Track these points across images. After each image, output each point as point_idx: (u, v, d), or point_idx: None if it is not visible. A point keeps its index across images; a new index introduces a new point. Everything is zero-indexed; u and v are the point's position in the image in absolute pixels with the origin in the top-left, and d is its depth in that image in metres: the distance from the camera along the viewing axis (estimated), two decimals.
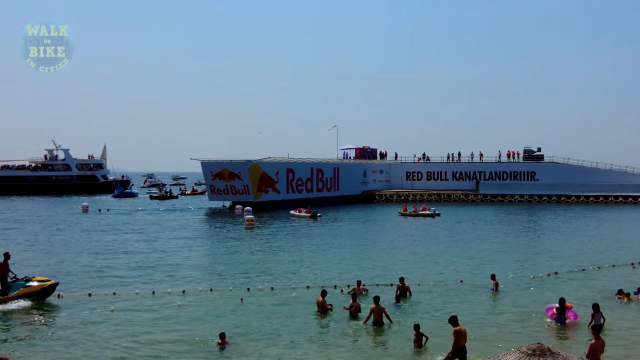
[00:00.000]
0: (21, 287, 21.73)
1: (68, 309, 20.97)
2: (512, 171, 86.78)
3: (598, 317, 18.35)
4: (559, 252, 35.29)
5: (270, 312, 20.69)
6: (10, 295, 21.43)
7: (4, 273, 21.83)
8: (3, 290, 21.63)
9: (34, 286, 21.82)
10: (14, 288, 21.78)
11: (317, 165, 77.19)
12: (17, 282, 22.04)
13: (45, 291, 21.98)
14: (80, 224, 52.53)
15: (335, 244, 38.94)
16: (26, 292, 21.63)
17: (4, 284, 21.74)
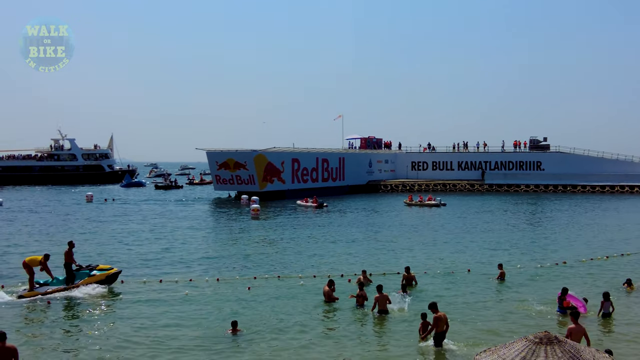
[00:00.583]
0: (86, 276, 22.11)
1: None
2: (518, 161, 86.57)
3: (607, 305, 18.38)
4: (566, 241, 35.28)
5: (277, 301, 20.78)
6: (75, 284, 21.80)
7: (69, 261, 22.12)
8: (69, 279, 21.96)
9: (98, 275, 22.22)
10: (79, 277, 22.15)
11: (323, 155, 77.15)
12: (81, 270, 22.39)
13: (109, 279, 22.33)
14: (85, 213, 52.69)
15: (342, 233, 38.99)
16: (91, 281, 22.00)
17: (70, 273, 22.07)
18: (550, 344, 8.22)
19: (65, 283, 21.88)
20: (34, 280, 21.55)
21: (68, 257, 22.12)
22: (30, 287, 21.28)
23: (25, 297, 20.63)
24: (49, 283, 21.88)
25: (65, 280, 21.97)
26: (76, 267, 22.43)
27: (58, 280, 22.04)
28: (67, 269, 22.10)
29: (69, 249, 22.32)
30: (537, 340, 8.31)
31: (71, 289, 21.58)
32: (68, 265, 22.10)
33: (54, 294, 21.10)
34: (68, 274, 22.08)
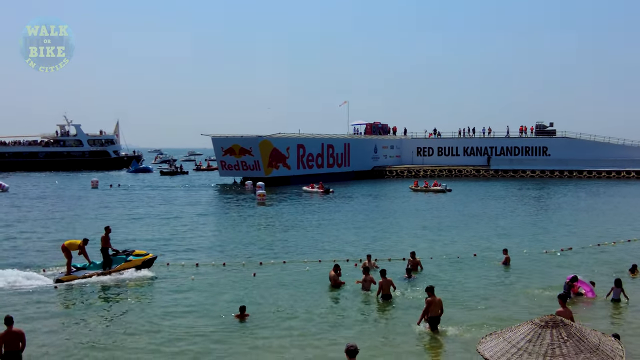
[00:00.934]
0: (123, 262, 22.30)
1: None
2: (524, 146, 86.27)
3: (618, 292, 18.36)
4: (572, 227, 35.25)
5: (283, 286, 20.84)
6: (113, 269, 21.99)
7: (106, 246, 22.30)
8: (106, 264, 22.14)
9: (135, 260, 22.42)
10: (116, 262, 22.34)
11: (328, 140, 77.07)
12: (118, 255, 22.58)
13: (145, 265, 22.52)
14: (91, 199, 52.84)
15: (347, 219, 39.03)
16: (128, 267, 22.17)
17: (107, 258, 22.25)
18: (556, 327, 8.20)
19: (102, 268, 22.08)
20: (72, 264, 21.86)
21: (104, 242, 22.32)
22: (68, 271, 21.53)
23: (62, 281, 20.87)
24: (86, 267, 22.12)
25: (102, 265, 22.17)
26: (113, 252, 22.64)
27: (95, 264, 22.25)
28: (104, 253, 22.30)
29: (105, 234, 22.49)
30: (542, 324, 8.29)
31: (108, 274, 21.80)
32: (105, 250, 22.30)
33: (90, 279, 21.34)
34: (105, 258, 22.26)
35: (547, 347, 7.98)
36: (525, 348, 8.10)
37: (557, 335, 8.08)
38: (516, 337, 8.36)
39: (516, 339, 8.32)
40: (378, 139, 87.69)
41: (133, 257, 22.55)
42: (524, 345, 8.14)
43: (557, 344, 7.98)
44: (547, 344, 8.02)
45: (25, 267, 22.95)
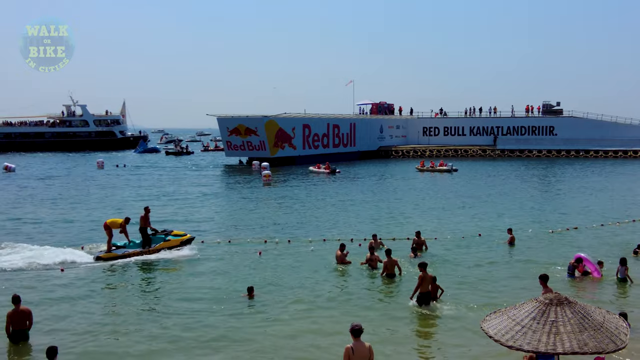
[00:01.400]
0: (161, 241, 22.58)
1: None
2: (530, 126, 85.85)
3: (623, 270, 18.33)
4: (577, 207, 35.16)
5: (289, 265, 20.94)
6: (152, 248, 22.28)
7: (145, 226, 22.55)
8: (145, 243, 22.42)
9: (173, 240, 22.71)
10: (155, 241, 22.61)
11: (334, 120, 76.87)
12: (157, 235, 22.85)
13: (183, 244, 22.76)
14: (98, 180, 52.98)
15: (353, 199, 39.04)
16: (166, 246, 22.45)
17: (146, 237, 22.50)
18: (560, 305, 8.20)
19: (142, 247, 22.36)
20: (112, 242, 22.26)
21: (144, 222, 22.57)
22: (108, 248, 21.91)
23: (102, 259, 21.27)
24: (126, 246, 22.44)
25: (142, 244, 22.45)
26: (152, 231, 22.89)
27: (135, 243, 22.58)
28: (143, 233, 22.55)
29: (145, 214, 22.77)
30: (547, 302, 8.30)
31: (147, 253, 22.08)
32: (143, 230, 22.54)
33: (130, 257, 21.66)
34: (144, 238, 22.53)
35: (551, 325, 7.99)
36: (529, 326, 8.12)
37: (562, 312, 8.09)
38: (520, 314, 8.37)
39: (520, 316, 8.33)
40: (384, 119, 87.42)
41: (172, 237, 22.84)
42: (528, 323, 8.15)
43: (561, 321, 7.99)
44: (552, 321, 8.03)
45: (63, 245, 23.47)
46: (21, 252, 22.02)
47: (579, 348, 7.70)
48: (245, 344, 13.43)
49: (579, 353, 7.75)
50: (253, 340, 13.63)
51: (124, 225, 22.28)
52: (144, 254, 21.95)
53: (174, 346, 13.33)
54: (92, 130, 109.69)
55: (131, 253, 21.86)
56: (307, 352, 12.96)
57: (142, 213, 22.87)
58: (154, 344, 13.41)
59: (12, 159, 74.77)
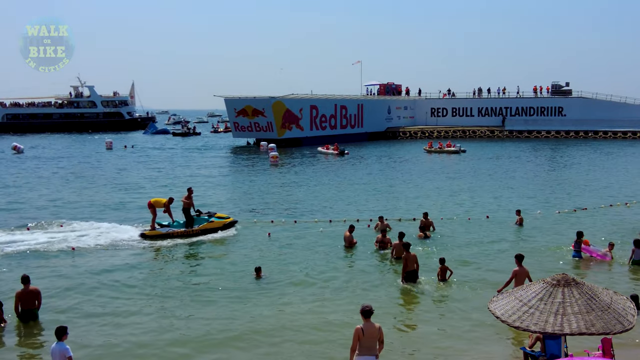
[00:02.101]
0: (205, 222, 22.77)
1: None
2: (539, 107, 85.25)
3: (638, 252, 18.17)
4: (586, 188, 35.03)
5: (297, 246, 21.01)
6: (194, 229, 22.50)
7: (188, 207, 22.77)
8: (188, 223, 22.65)
9: (216, 222, 22.88)
10: (198, 222, 22.82)
11: (341, 101, 76.59)
12: (201, 216, 23.09)
13: (225, 227, 22.92)
14: (109, 161, 53.14)
15: (360, 179, 39.01)
16: (209, 227, 22.63)
17: (189, 217, 22.72)
18: (567, 285, 8.20)
19: (185, 227, 22.59)
20: (156, 221, 22.71)
21: (186, 203, 22.79)
22: (152, 226, 22.45)
23: (146, 236, 21.88)
24: (170, 225, 22.76)
25: (185, 224, 22.68)
26: (195, 212, 23.10)
27: (178, 223, 22.86)
28: (186, 213, 22.77)
29: (188, 194, 23.03)
30: (554, 283, 8.31)
31: (190, 233, 22.34)
32: (186, 210, 22.76)
33: (173, 236, 22.07)
34: (187, 218, 22.75)
35: (558, 306, 8.00)
36: (536, 306, 8.13)
37: (569, 293, 8.09)
38: (528, 295, 8.38)
39: (527, 297, 8.34)
40: (392, 100, 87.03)
41: (215, 219, 23.00)
42: (536, 304, 8.16)
43: (569, 302, 8.00)
44: (559, 302, 8.04)
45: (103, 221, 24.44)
46: (70, 230, 22.83)
47: (586, 329, 7.71)
48: (251, 324, 13.49)
49: (586, 334, 7.76)
50: (258, 321, 13.69)
51: (167, 205, 22.75)
52: (187, 234, 22.28)
53: (179, 328, 13.40)
54: (100, 111, 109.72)
55: (174, 232, 22.25)
56: (314, 333, 12.99)
57: (186, 194, 23.18)
58: (160, 322, 13.50)
59: (20, 139, 75.00)
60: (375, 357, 9.57)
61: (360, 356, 9.53)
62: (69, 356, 9.93)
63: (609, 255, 18.75)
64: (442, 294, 15.58)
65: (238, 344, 12.45)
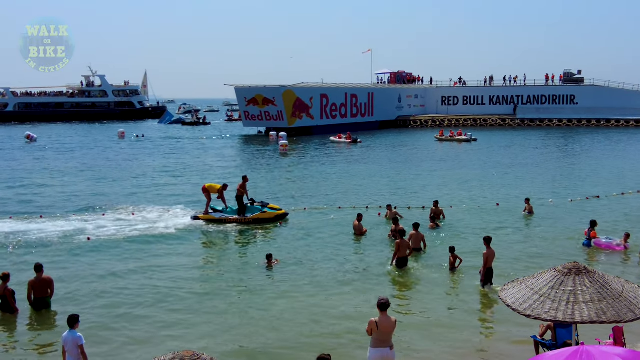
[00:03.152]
0: (258, 212, 22.95)
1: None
2: (551, 95, 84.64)
3: None
4: (599, 176, 34.83)
5: (308, 234, 21.07)
6: (247, 217, 22.75)
7: (241, 194, 23.01)
8: (240, 210, 22.93)
9: (269, 213, 22.96)
10: (251, 210, 23.04)
11: (352, 90, 76.37)
12: (254, 205, 23.27)
13: (277, 219, 22.99)
14: (122, 150, 53.35)
15: (371, 168, 38.99)
16: (262, 217, 22.80)
17: (241, 205, 22.98)
18: (579, 274, 8.16)
19: (237, 214, 22.88)
20: (210, 205, 23.21)
21: (241, 191, 23.01)
22: (206, 210, 22.99)
23: (199, 219, 22.58)
24: (223, 211, 23.09)
25: (237, 211, 22.95)
26: (249, 201, 23.29)
27: (232, 209, 23.11)
28: (239, 201, 23.01)
29: (242, 182, 23.25)
30: (565, 271, 8.27)
31: (242, 220, 22.60)
32: (239, 198, 22.99)
33: (225, 222, 22.52)
34: (240, 206, 23.00)
35: (569, 294, 7.97)
36: (547, 295, 8.10)
37: (580, 282, 8.05)
38: (539, 284, 8.35)
39: (539, 285, 8.31)
40: (402, 88, 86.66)
41: (267, 210, 23.13)
42: (547, 292, 8.13)
43: (580, 290, 7.96)
44: (570, 290, 8.01)
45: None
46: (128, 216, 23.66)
47: (598, 317, 7.68)
48: (261, 311, 13.55)
49: (598, 322, 7.73)
50: (268, 309, 13.74)
51: (221, 191, 23.04)
52: (239, 222, 22.55)
53: (185, 314, 13.49)
54: (111, 100, 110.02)
55: (227, 219, 22.63)
56: (323, 323, 13.01)
57: (240, 182, 23.38)
58: (172, 305, 13.59)
59: (32, 128, 75.34)
60: (390, 348, 9.52)
61: (374, 348, 9.48)
62: (81, 344, 10.00)
63: (623, 245, 18.53)
64: (452, 283, 15.56)
65: (243, 332, 12.52)
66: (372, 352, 9.50)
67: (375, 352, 9.48)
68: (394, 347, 9.61)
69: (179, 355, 5.20)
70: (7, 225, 21.98)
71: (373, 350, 9.50)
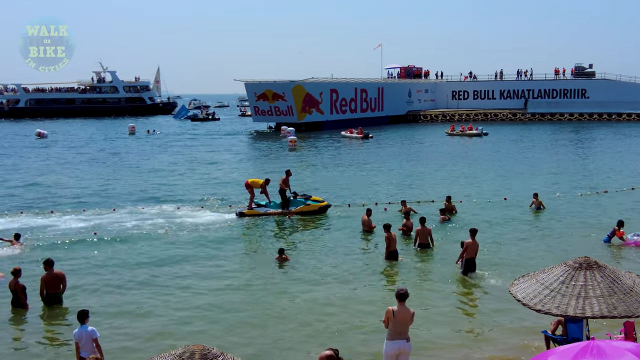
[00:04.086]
0: (302, 205, 23.16)
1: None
2: (562, 89, 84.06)
3: None
4: (610, 170, 34.65)
5: (317, 229, 21.13)
6: (291, 210, 22.95)
7: (284, 188, 23.23)
8: (284, 204, 23.15)
9: (312, 205, 23.18)
10: (295, 204, 23.25)
11: (361, 85, 76.23)
12: (297, 198, 23.48)
13: (320, 211, 23.18)
14: (132, 146, 53.56)
15: (382, 163, 38.96)
16: (306, 210, 23.02)
17: (284, 199, 23.19)
18: (589, 269, 8.13)
19: (281, 208, 23.10)
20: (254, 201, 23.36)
21: (284, 185, 23.25)
22: (250, 206, 23.16)
23: (245, 215, 22.67)
24: (267, 205, 23.28)
25: (281, 205, 23.17)
26: (292, 194, 23.48)
27: (275, 204, 23.36)
28: (282, 195, 23.22)
29: (285, 177, 23.51)
30: (576, 266, 8.24)
31: (287, 214, 22.81)
32: (283, 192, 23.21)
33: (269, 216, 22.76)
34: (283, 199, 23.16)
35: (580, 289, 7.94)
36: (558, 290, 8.07)
37: (591, 276, 8.02)
38: (549, 279, 8.32)
39: (549, 280, 8.28)
40: (412, 83, 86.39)
41: (311, 202, 23.31)
42: (557, 287, 8.11)
43: (591, 285, 7.93)
44: (581, 285, 7.98)
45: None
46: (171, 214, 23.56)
47: (608, 312, 7.65)
48: (270, 305, 13.62)
49: (608, 317, 7.70)
50: (276, 303, 13.80)
51: (264, 186, 23.18)
52: (284, 215, 22.75)
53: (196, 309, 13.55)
54: (122, 96, 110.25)
55: (271, 212, 22.86)
56: (334, 316, 13.04)
57: (283, 176, 23.61)
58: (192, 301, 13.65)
59: (43, 124, 75.66)
60: (407, 340, 9.46)
61: (390, 340, 9.43)
62: (95, 338, 10.08)
63: None
64: (461, 279, 15.52)
65: (253, 323, 12.59)
66: (388, 345, 9.43)
67: (392, 344, 9.40)
68: (410, 340, 9.53)
69: (190, 349, 5.22)
70: (19, 220, 22.13)
71: (389, 343, 9.42)
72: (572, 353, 6.32)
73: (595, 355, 6.18)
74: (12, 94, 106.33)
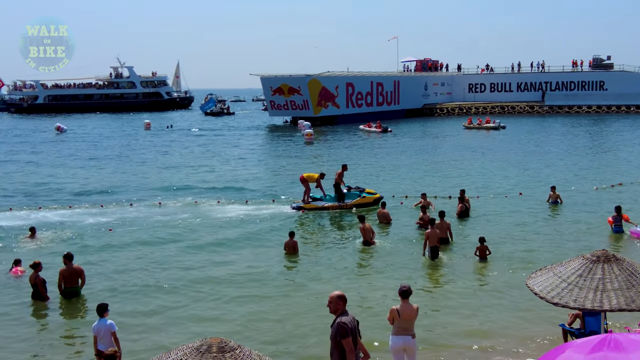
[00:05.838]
0: (357, 197, 23.37)
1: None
2: (580, 81, 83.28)
3: None
4: (627, 164, 34.32)
5: (331, 223, 21.22)
6: (348, 203, 23.14)
7: (339, 182, 23.47)
8: (339, 197, 23.36)
9: (367, 197, 23.44)
10: (350, 197, 23.50)
11: (377, 78, 76.02)
12: (352, 191, 23.78)
13: (375, 202, 23.24)
14: (149, 141, 53.86)
15: (399, 156, 38.86)
16: (362, 202, 23.24)
17: (339, 192, 23.41)
18: (607, 262, 8.08)
19: (337, 201, 23.33)
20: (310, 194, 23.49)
21: (338, 178, 23.50)
22: (305, 199, 23.30)
23: (301, 208, 22.91)
24: (322, 199, 23.54)
25: (337, 198, 23.38)
26: (346, 188, 23.74)
27: (330, 197, 23.61)
28: (337, 188, 23.44)
29: (341, 171, 23.78)
30: (594, 259, 8.19)
31: (343, 207, 23.00)
32: (337, 186, 23.43)
33: (326, 209, 22.93)
34: (337, 193, 23.40)
35: (598, 282, 7.90)
36: (575, 283, 8.03)
37: (609, 270, 7.97)
38: (567, 272, 8.28)
39: (567, 273, 8.24)
40: (428, 76, 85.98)
41: (366, 195, 23.53)
42: (575, 280, 8.07)
43: (609, 278, 7.88)
44: (598, 278, 7.93)
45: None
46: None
47: (626, 305, 7.60)
48: (284, 299, 13.69)
49: (627, 310, 7.65)
50: (290, 296, 13.88)
51: (319, 180, 23.37)
52: (341, 208, 22.92)
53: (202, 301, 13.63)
54: (139, 91, 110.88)
55: (328, 206, 23.04)
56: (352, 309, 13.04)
57: (339, 170, 23.84)
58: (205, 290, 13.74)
59: (62, 120, 76.28)
60: (412, 336, 9.45)
61: (395, 336, 9.44)
62: (113, 331, 10.18)
63: None
64: (479, 273, 15.48)
65: (267, 317, 12.66)
66: (394, 340, 9.46)
67: (397, 339, 9.42)
68: (415, 336, 9.52)
69: (207, 342, 5.25)
70: (36, 215, 22.37)
71: (395, 338, 9.44)
72: (590, 346, 6.28)
73: (613, 348, 6.14)
74: (31, 91, 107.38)
